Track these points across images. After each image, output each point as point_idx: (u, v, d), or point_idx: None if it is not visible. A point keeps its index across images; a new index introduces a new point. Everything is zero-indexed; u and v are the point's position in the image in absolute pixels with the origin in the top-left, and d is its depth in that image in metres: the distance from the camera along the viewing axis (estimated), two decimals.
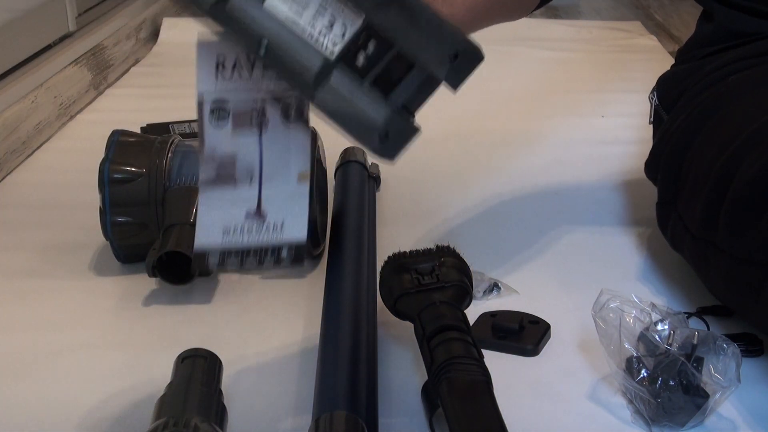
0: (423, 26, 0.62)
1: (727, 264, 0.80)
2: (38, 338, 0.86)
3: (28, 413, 0.76)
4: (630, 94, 1.54)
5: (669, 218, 0.92)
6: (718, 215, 0.81)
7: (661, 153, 0.96)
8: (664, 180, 0.94)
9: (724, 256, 0.80)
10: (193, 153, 0.99)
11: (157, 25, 2.01)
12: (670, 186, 0.93)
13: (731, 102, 0.89)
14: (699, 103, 0.92)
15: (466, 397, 0.68)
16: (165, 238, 0.90)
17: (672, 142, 0.93)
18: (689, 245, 0.88)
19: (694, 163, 0.88)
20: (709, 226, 0.82)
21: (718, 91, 0.92)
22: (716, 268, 0.83)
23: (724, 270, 0.82)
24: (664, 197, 0.94)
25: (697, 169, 0.87)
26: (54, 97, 1.45)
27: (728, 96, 0.90)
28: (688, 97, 0.96)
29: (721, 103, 0.90)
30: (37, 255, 1.03)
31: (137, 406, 0.71)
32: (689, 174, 0.89)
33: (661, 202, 0.95)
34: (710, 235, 0.82)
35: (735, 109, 0.87)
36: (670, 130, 0.95)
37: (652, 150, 0.99)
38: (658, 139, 0.99)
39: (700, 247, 0.85)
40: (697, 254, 0.87)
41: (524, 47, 1.87)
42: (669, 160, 0.93)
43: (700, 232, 0.84)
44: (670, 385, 0.71)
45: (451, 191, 1.20)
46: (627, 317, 0.75)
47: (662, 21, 2.14)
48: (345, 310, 0.83)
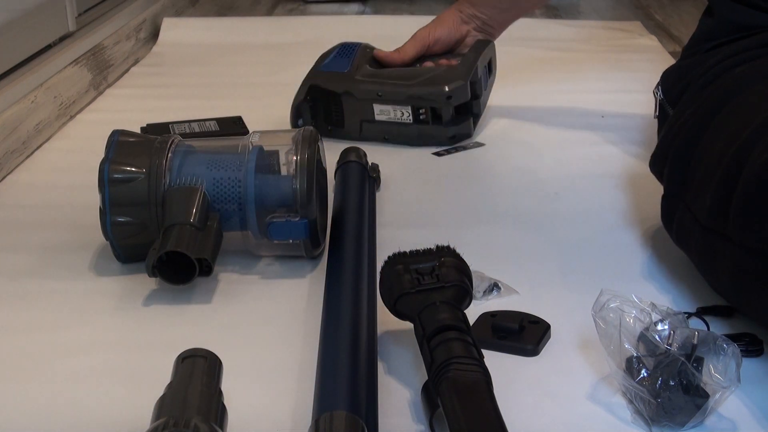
0: None
1: (736, 255, 0.80)
2: (38, 338, 0.86)
3: (27, 413, 0.76)
4: (630, 94, 1.54)
5: (675, 211, 0.92)
6: (729, 205, 0.80)
7: (669, 146, 0.95)
8: (672, 173, 0.94)
9: (733, 247, 0.80)
10: (193, 153, 0.99)
11: (157, 25, 2.01)
12: (678, 178, 0.92)
13: (739, 93, 0.89)
14: (706, 96, 0.92)
15: (466, 397, 0.68)
16: (165, 238, 0.90)
17: (680, 135, 0.93)
18: (696, 237, 0.87)
19: (704, 155, 0.88)
20: (719, 216, 0.82)
21: (725, 83, 0.92)
22: (723, 260, 0.83)
23: (732, 262, 0.81)
24: (671, 190, 0.93)
25: (708, 161, 0.86)
26: (54, 97, 1.45)
27: (735, 88, 0.90)
28: (693, 91, 0.96)
29: (728, 94, 0.90)
30: (37, 255, 1.03)
31: (137, 406, 0.71)
32: (699, 166, 0.88)
33: (668, 195, 0.94)
34: (720, 226, 0.82)
35: (743, 100, 0.87)
36: (677, 123, 0.95)
37: (659, 144, 0.99)
38: (664, 133, 0.99)
39: (707, 239, 0.85)
40: (703, 247, 0.87)
41: (524, 47, 1.87)
42: (677, 152, 0.93)
43: (710, 222, 0.84)
44: (670, 385, 0.71)
45: (451, 191, 1.20)
46: (627, 317, 0.75)
47: (662, 21, 2.14)
48: (345, 310, 0.83)
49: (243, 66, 1.81)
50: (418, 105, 1.31)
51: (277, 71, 1.73)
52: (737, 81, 0.91)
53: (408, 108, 1.31)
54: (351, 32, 2.01)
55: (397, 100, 1.31)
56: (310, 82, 1.35)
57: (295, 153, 0.97)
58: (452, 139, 1.33)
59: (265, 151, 0.99)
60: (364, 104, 1.33)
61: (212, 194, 0.96)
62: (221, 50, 1.91)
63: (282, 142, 1.00)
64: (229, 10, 2.35)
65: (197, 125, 1.36)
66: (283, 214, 0.96)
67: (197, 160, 0.98)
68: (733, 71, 0.92)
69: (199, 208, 0.93)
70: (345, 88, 1.33)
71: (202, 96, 1.59)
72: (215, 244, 0.92)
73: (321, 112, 1.35)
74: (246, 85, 1.67)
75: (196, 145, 1.01)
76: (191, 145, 1.00)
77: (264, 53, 1.89)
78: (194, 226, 0.92)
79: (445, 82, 1.30)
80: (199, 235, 0.91)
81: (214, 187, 0.96)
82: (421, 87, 1.31)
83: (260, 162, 0.98)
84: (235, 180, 0.96)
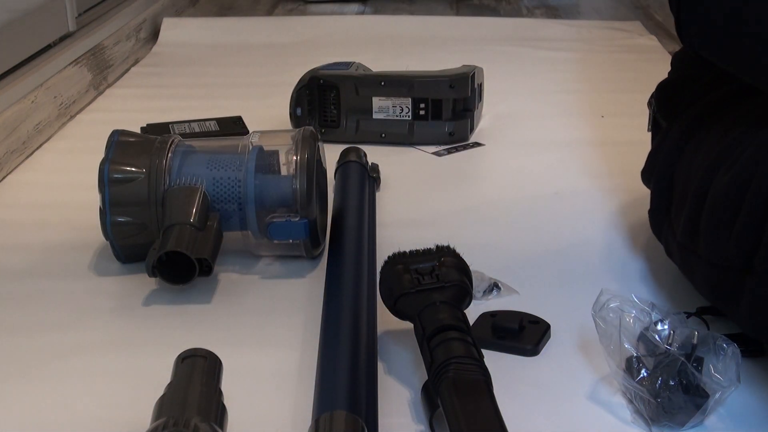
0: None
1: (708, 272, 0.82)
2: (38, 338, 0.86)
3: (27, 413, 0.76)
4: (629, 94, 1.53)
5: (662, 226, 0.93)
6: (699, 224, 0.82)
7: (655, 161, 0.96)
8: (657, 189, 0.95)
9: (705, 264, 0.81)
10: (193, 153, 0.99)
11: (157, 25, 2.01)
12: (661, 195, 0.94)
13: (720, 113, 0.89)
14: (692, 114, 0.93)
15: (466, 397, 0.68)
16: (165, 238, 0.90)
17: (665, 152, 0.94)
18: (677, 253, 0.89)
19: (682, 173, 0.89)
20: (691, 235, 0.84)
21: (710, 102, 0.92)
22: (699, 276, 0.85)
23: (706, 278, 0.83)
24: (657, 205, 0.95)
25: (684, 179, 0.88)
26: (54, 97, 1.45)
27: (717, 108, 0.91)
28: (684, 107, 0.96)
29: (711, 114, 0.91)
30: (37, 255, 1.03)
31: (137, 406, 0.71)
32: (678, 184, 0.90)
33: (653, 210, 0.95)
34: (692, 245, 0.84)
35: (721, 120, 0.88)
36: (665, 139, 0.96)
37: (648, 158, 1.00)
38: (654, 148, 1.00)
39: (683, 256, 0.87)
40: (681, 264, 0.89)
41: (524, 47, 1.87)
42: (662, 169, 0.94)
43: (684, 240, 0.85)
44: (670, 385, 0.71)
45: (451, 191, 1.20)
46: (627, 317, 0.75)
47: (662, 21, 2.14)
48: (345, 310, 0.83)
49: (243, 66, 1.81)
50: (420, 96, 1.32)
51: (277, 71, 1.73)
52: (721, 100, 0.91)
53: (408, 102, 1.32)
54: (351, 32, 2.02)
55: (399, 91, 1.32)
56: (311, 74, 1.35)
57: (295, 153, 0.97)
58: (450, 137, 1.33)
59: (265, 151, 0.99)
60: (364, 99, 1.33)
61: (212, 194, 0.96)
62: (221, 50, 1.91)
63: (282, 142, 1.00)
64: (229, 10, 2.35)
65: (197, 125, 1.36)
66: (283, 214, 0.96)
67: (197, 160, 0.98)
68: (721, 90, 0.92)
69: (199, 208, 0.93)
70: (347, 77, 1.34)
71: (202, 96, 1.59)
72: (215, 244, 0.92)
73: (317, 114, 1.35)
74: (246, 85, 1.67)
75: (196, 145, 1.01)
76: (191, 145, 1.00)
77: (264, 53, 1.89)
78: (194, 226, 0.91)
79: (447, 74, 1.33)
80: (199, 235, 0.91)
81: (214, 187, 0.96)
82: (424, 77, 1.33)
83: (260, 162, 0.98)
84: (235, 180, 0.96)
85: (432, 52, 1.84)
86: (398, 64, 1.48)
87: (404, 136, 1.34)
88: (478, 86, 1.38)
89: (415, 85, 1.32)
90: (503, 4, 2.37)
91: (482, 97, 1.41)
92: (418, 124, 1.33)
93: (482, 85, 1.40)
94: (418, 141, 1.34)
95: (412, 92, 1.32)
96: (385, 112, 1.34)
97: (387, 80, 1.33)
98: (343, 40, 1.97)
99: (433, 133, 1.33)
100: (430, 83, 1.32)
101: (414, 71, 1.37)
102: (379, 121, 1.34)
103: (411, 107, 1.33)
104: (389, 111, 1.33)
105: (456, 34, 1.99)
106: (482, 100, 1.42)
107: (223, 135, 1.33)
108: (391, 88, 1.33)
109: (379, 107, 1.33)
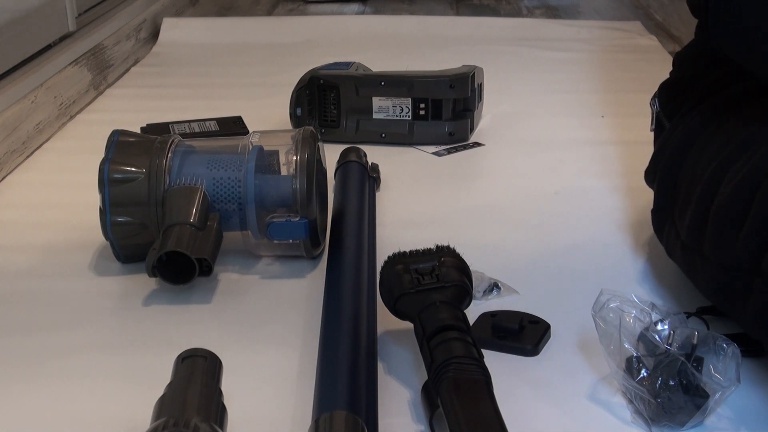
0: None
1: (713, 272, 0.81)
2: (38, 338, 0.86)
3: (27, 413, 0.76)
4: (630, 94, 1.54)
5: (664, 225, 0.93)
6: (705, 224, 0.82)
7: (659, 161, 0.96)
8: (660, 188, 0.95)
9: (711, 265, 0.81)
10: (193, 153, 0.99)
11: (157, 25, 2.01)
12: (665, 194, 0.93)
13: (727, 114, 0.89)
14: (697, 114, 0.93)
15: (466, 397, 0.68)
16: (165, 238, 0.90)
17: (669, 151, 0.94)
18: (679, 253, 0.88)
19: (688, 174, 0.89)
20: (696, 235, 0.84)
21: (716, 103, 0.92)
22: (703, 276, 0.84)
23: (711, 278, 0.82)
24: (660, 204, 0.94)
25: (690, 179, 0.88)
26: (54, 97, 1.45)
27: (724, 108, 0.90)
28: (688, 107, 0.96)
29: (717, 114, 0.90)
30: (37, 255, 1.03)
31: (137, 406, 0.71)
32: (683, 184, 0.90)
33: (657, 209, 0.95)
34: (697, 244, 0.83)
35: (728, 120, 0.88)
36: (669, 139, 0.95)
37: (652, 158, 1.00)
38: (658, 148, 1.00)
39: (687, 256, 0.87)
40: (684, 263, 0.88)
41: (524, 47, 1.87)
42: (666, 169, 0.94)
43: (689, 240, 0.85)
44: (670, 385, 0.71)
45: (451, 191, 1.20)
46: (627, 317, 0.75)
47: (662, 21, 2.14)
48: (345, 310, 0.83)
49: (243, 66, 1.81)
50: (420, 96, 1.32)
51: (277, 71, 1.73)
52: (727, 101, 0.91)
53: (408, 103, 1.32)
54: (351, 32, 2.02)
55: (399, 91, 1.32)
56: (311, 74, 1.35)
57: (295, 153, 0.97)
58: (450, 137, 1.34)
59: (265, 151, 0.99)
60: (364, 99, 1.33)
61: (212, 194, 0.96)
62: (221, 50, 1.91)
63: (282, 142, 1.00)
64: (229, 10, 2.35)
65: (197, 125, 1.36)
66: (283, 214, 0.96)
67: (197, 160, 0.98)
68: (726, 91, 0.92)
69: (199, 208, 0.93)
70: (347, 77, 1.34)
71: (202, 96, 1.59)
72: (215, 244, 0.92)
73: (317, 114, 1.35)
74: (246, 85, 1.67)
75: (196, 145, 1.01)
76: (191, 145, 1.00)
77: (264, 53, 1.89)
78: (194, 226, 0.91)
79: (447, 74, 1.33)
80: (199, 235, 0.91)
81: (214, 187, 0.96)
82: (424, 77, 1.33)
83: (260, 162, 0.98)
84: (235, 180, 0.96)
85: (432, 52, 1.85)
86: (398, 64, 1.48)
87: (404, 136, 1.34)
88: (478, 86, 1.38)
89: (415, 85, 1.32)
90: (503, 4, 2.37)
91: (482, 97, 1.41)
92: (418, 124, 1.33)
93: (482, 85, 1.40)
94: (418, 141, 1.34)
95: (412, 92, 1.33)
96: (385, 112, 1.34)
97: (387, 80, 1.33)
98: (343, 40, 1.97)
99: (433, 133, 1.33)
100: (430, 83, 1.32)
101: (414, 71, 1.37)
102: (379, 121, 1.34)
103: (411, 107, 1.33)
104: (389, 111, 1.33)
105: (456, 34, 1.99)
106: (482, 100, 1.41)
107: (223, 135, 1.33)
108: (391, 88, 1.33)
109: (379, 107, 1.33)
